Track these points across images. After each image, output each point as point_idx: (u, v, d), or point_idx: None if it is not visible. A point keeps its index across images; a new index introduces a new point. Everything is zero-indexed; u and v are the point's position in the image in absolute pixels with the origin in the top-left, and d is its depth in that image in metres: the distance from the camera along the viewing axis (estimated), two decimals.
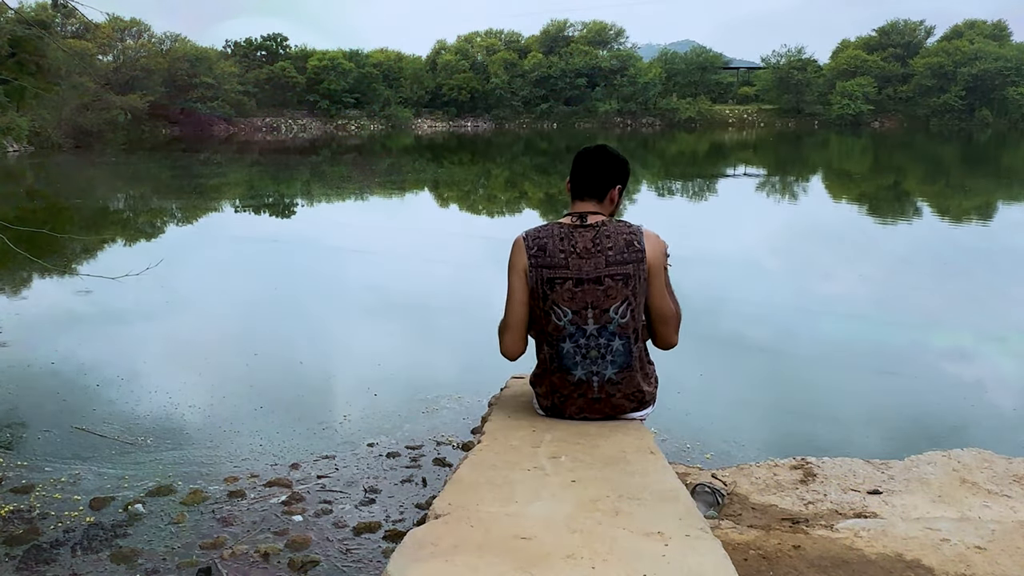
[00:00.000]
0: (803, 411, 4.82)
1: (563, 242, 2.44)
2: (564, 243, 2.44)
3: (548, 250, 2.44)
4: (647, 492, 1.99)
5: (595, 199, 2.52)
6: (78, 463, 3.81)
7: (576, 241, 2.43)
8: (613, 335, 2.43)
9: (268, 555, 2.89)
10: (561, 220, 2.52)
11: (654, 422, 2.92)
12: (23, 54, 25.84)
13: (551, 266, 2.43)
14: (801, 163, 28.22)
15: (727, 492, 3.10)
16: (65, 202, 15.48)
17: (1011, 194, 18.17)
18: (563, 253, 2.43)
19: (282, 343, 6.15)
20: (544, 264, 2.44)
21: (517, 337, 2.54)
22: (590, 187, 2.52)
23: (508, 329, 2.54)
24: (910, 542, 2.43)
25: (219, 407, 4.65)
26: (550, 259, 2.43)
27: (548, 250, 2.44)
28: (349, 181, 21.11)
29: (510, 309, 2.52)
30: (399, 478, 3.67)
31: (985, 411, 4.74)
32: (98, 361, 5.51)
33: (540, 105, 54.34)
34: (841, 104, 51.18)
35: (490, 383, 4.15)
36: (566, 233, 2.45)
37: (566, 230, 2.46)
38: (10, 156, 25.28)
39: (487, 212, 15.87)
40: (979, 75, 48.99)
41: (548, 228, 2.49)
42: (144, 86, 40.77)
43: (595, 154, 2.54)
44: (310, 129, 48.57)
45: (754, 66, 62.82)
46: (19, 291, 8.08)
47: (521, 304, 2.50)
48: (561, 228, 2.47)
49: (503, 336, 2.57)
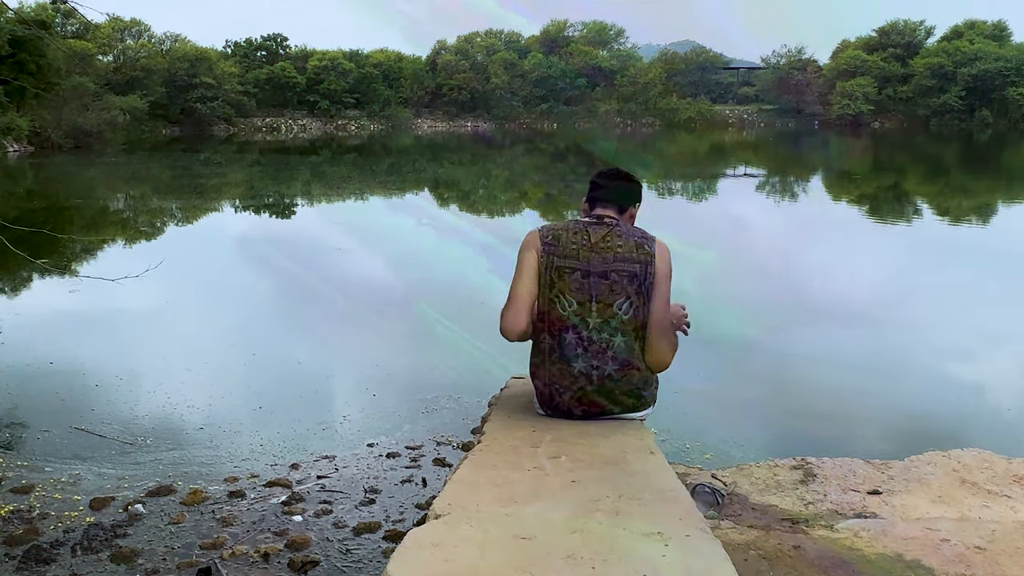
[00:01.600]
0: (803, 411, 4.81)
1: (577, 236, 2.52)
2: (577, 236, 2.52)
3: (562, 241, 2.52)
4: (647, 492, 1.99)
5: (615, 208, 2.62)
6: (78, 463, 3.81)
7: (589, 236, 2.51)
8: (616, 330, 2.46)
9: (268, 555, 2.89)
10: (578, 218, 2.62)
11: (654, 422, 2.92)
12: (23, 54, 25.81)
13: (562, 255, 2.50)
14: (801, 163, 28.22)
15: (727, 492, 3.10)
16: (65, 202, 15.48)
17: (1011, 194, 18.17)
18: (575, 245, 2.51)
19: (280, 343, 6.15)
20: (556, 253, 2.51)
21: (520, 311, 2.53)
22: (611, 198, 2.63)
23: (512, 302, 2.54)
24: (910, 542, 2.43)
25: (218, 407, 4.65)
26: (562, 249, 2.51)
27: (562, 241, 2.52)
28: (349, 181, 21.12)
29: (516, 283, 2.54)
30: (399, 478, 3.67)
31: (985, 411, 4.74)
32: (97, 361, 5.51)
33: (540, 105, 54.35)
34: (841, 104, 51.19)
35: (490, 383, 4.16)
36: (581, 228, 2.54)
37: (581, 225, 2.55)
38: (10, 156, 25.28)
39: (487, 212, 15.86)
40: (979, 75, 48.99)
41: (564, 223, 2.60)
42: (144, 86, 40.78)
43: (615, 173, 2.69)
44: (310, 129, 48.57)
45: (754, 66, 62.83)
46: (18, 291, 8.08)
47: (529, 279, 2.52)
48: (577, 224, 2.56)
49: (506, 313, 2.55)
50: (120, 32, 44.97)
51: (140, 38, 46.03)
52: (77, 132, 28.85)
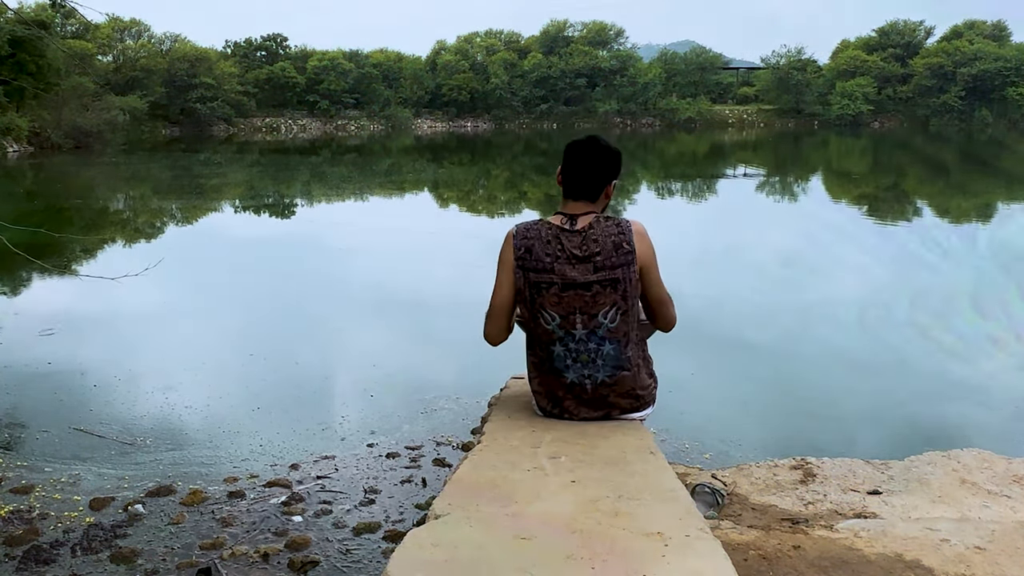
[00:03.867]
0: (803, 411, 4.81)
1: (549, 245, 2.39)
2: (551, 246, 2.39)
3: (534, 252, 2.40)
4: (647, 492, 1.99)
5: (588, 199, 2.48)
6: (78, 463, 3.81)
7: (563, 245, 2.38)
8: (603, 339, 2.41)
9: (268, 555, 2.89)
10: (551, 219, 2.47)
11: (653, 422, 2.92)
12: (23, 54, 25.81)
13: (537, 270, 2.40)
14: (801, 163, 28.21)
15: (727, 492, 3.10)
16: (65, 202, 15.48)
17: (1011, 194, 18.17)
18: (549, 257, 2.39)
19: (280, 343, 6.14)
20: (530, 267, 2.41)
21: (500, 323, 2.53)
22: (584, 187, 2.47)
23: (491, 316, 2.53)
24: (910, 542, 2.42)
25: (218, 407, 4.64)
26: (536, 263, 2.40)
27: (534, 252, 2.40)
28: (349, 181, 21.11)
29: (495, 295, 2.51)
30: (399, 478, 3.67)
31: (985, 411, 4.74)
32: (96, 361, 5.51)
33: (540, 105, 54.34)
34: (841, 104, 51.20)
35: (489, 383, 4.15)
36: (553, 236, 2.40)
37: (554, 232, 2.41)
38: (10, 156, 25.28)
39: (487, 212, 15.86)
40: (979, 75, 49.01)
41: (537, 228, 2.44)
42: (144, 86, 40.80)
43: (588, 150, 2.48)
44: (310, 129, 48.57)
45: (754, 66, 62.85)
46: (17, 291, 8.08)
47: (506, 293, 2.48)
48: (549, 229, 2.41)
49: (487, 322, 2.56)
50: (120, 32, 44.97)
51: (140, 38, 46.03)
52: (77, 132, 28.86)
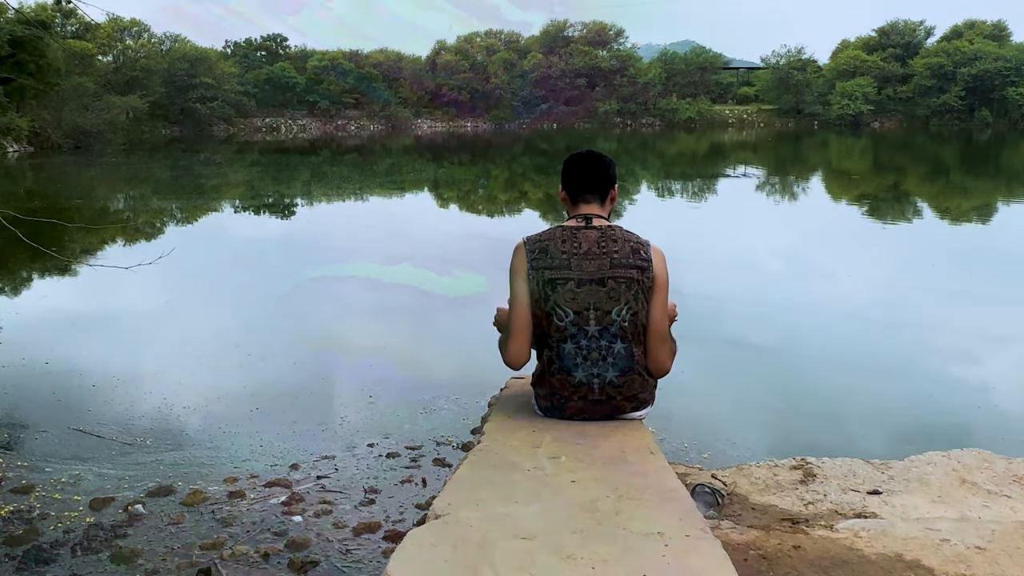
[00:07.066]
0: (803, 411, 4.81)
1: (565, 244, 2.45)
2: (567, 245, 2.44)
3: (549, 252, 2.45)
4: (647, 492, 1.99)
5: (598, 198, 2.57)
6: (78, 464, 3.81)
7: (580, 242, 2.44)
8: (615, 337, 2.43)
9: (268, 555, 2.89)
10: (564, 224, 2.52)
11: (653, 422, 2.92)
12: (23, 54, 25.82)
13: (552, 267, 2.43)
14: (801, 163, 28.21)
15: (727, 492, 3.10)
16: (65, 202, 15.47)
17: (1010, 195, 18.17)
18: (565, 254, 2.43)
19: (279, 343, 6.14)
20: (545, 266, 2.44)
21: (522, 343, 2.50)
22: (592, 186, 2.57)
23: (512, 335, 2.50)
24: (910, 542, 2.42)
25: (217, 408, 4.64)
26: (551, 260, 2.43)
27: (549, 252, 2.45)
28: (349, 181, 21.11)
29: (514, 314, 2.49)
30: (399, 478, 3.67)
31: (985, 411, 4.74)
32: (95, 361, 5.51)
33: (540, 105, 54.33)
34: (841, 104, 51.17)
35: (489, 384, 4.15)
36: (569, 235, 2.46)
37: (569, 232, 2.47)
38: (10, 156, 25.28)
39: (487, 212, 15.86)
40: (979, 75, 48.97)
41: (550, 231, 2.50)
42: (144, 86, 40.76)
43: (590, 157, 2.61)
44: (310, 129, 48.57)
45: (754, 66, 62.82)
46: (17, 290, 8.08)
47: (524, 308, 2.47)
48: (564, 231, 2.48)
49: (507, 343, 2.52)
50: (120, 32, 44.95)
51: (140, 38, 46.01)
52: (77, 132, 28.88)
